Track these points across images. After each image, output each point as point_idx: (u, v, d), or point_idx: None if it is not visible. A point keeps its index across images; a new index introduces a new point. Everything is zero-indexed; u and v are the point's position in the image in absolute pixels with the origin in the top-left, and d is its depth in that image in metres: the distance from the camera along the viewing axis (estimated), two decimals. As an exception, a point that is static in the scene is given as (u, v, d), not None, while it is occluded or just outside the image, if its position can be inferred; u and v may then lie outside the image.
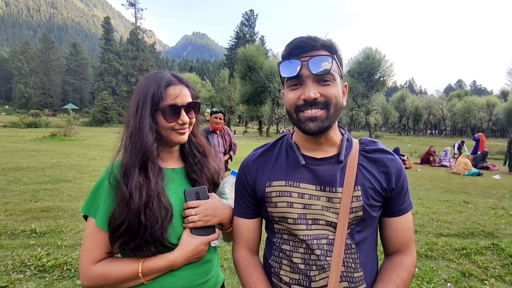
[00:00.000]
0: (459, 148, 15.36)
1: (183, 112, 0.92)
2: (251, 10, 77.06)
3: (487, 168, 11.56)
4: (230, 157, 4.24)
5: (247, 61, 34.45)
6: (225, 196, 1.03)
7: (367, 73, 34.99)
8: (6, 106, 73.09)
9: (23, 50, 72.94)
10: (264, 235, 0.96)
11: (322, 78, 0.77)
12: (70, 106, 57.05)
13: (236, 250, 0.95)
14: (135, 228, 0.82)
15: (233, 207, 0.99)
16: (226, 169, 4.21)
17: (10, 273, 2.76)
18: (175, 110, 0.90)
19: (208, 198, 0.95)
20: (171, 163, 0.99)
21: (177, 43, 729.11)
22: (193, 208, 0.90)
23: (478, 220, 4.84)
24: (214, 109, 4.01)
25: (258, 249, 0.98)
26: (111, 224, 0.83)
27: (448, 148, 13.23)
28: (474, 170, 10.11)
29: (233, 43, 76.95)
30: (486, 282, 2.91)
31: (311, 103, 0.77)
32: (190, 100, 0.95)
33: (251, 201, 0.92)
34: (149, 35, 64.22)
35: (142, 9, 60.27)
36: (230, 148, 4.21)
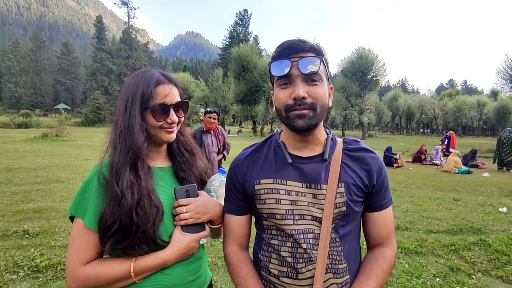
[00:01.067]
0: (445, 139, 16.16)
1: (172, 111, 0.93)
2: (245, 10, 77.02)
3: (477, 166, 11.78)
4: (224, 157, 4.27)
5: (241, 61, 34.44)
6: (212, 194, 1.05)
7: (361, 73, 35.20)
8: (-4, 106, 71.64)
9: (13, 49, 71.65)
10: (253, 232, 1.00)
11: (311, 78, 0.81)
12: (62, 106, 56.23)
13: (226, 246, 0.99)
14: (127, 227, 0.82)
15: (222, 203, 1.03)
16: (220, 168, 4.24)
17: (3, 274, 2.75)
18: (164, 109, 0.91)
19: (197, 195, 0.97)
20: (159, 162, 1.00)
21: (170, 42, 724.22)
22: (184, 206, 0.91)
23: (467, 217, 4.95)
24: (208, 109, 4.03)
25: (247, 245, 1.02)
26: (102, 224, 0.82)
27: (439, 146, 13.44)
28: (464, 168, 10.31)
29: (227, 43, 76.79)
30: (473, 276, 3.00)
31: (299, 103, 0.81)
32: (179, 99, 0.96)
33: (241, 198, 0.96)
34: (142, 34, 63.95)
35: (135, 8, 59.88)
36: (223, 148, 4.23)
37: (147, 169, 0.90)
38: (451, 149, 12.33)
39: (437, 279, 2.94)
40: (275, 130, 1.10)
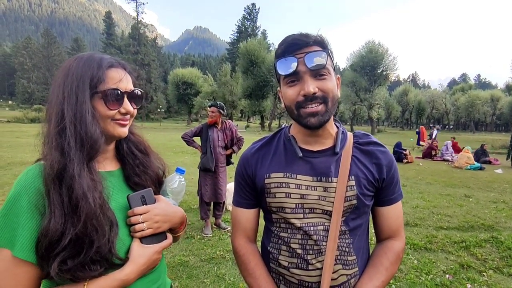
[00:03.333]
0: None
1: (126, 100, 0.78)
2: (253, 4, 76.39)
3: (490, 162, 11.54)
4: (233, 151, 4.25)
5: (249, 56, 34.33)
6: (169, 196, 0.91)
7: (370, 67, 34.64)
8: (10, 102, 73.45)
9: (25, 45, 73.06)
10: (261, 225, 1.00)
11: (318, 73, 0.80)
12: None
13: (235, 238, 1.00)
14: (79, 240, 0.65)
15: (177, 206, 0.92)
16: (229, 163, 4.24)
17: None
18: (117, 96, 0.75)
19: (155, 201, 0.83)
20: (107, 165, 0.82)
21: (178, 37, 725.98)
22: (140, 215, 0.77)
23: (479, 213, 4.87)
24: (210, 103, 4.04)
25: (255, 238, 1.03)
26: (43, 242, 0.64)
27: (449, 142, 13.20)
28: (476, 164, 10.11)
29: (235, 37, 76.48)
30: (484, 273, 2.95)
31: (311, 98, 0.80)
32: (133, 87, 0.80)
33: (251, 192, 0.96)
34: (151, 30, 64.11)
35: (143, 3, 59.96)
36: (232, 143, 4.21)
37: (94, 171, 0.73)
38: (466, 146, 12.06)
39: (447, 275, 2.91)
40: (283, 125, 1.08)
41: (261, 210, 1.00)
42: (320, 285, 0.83)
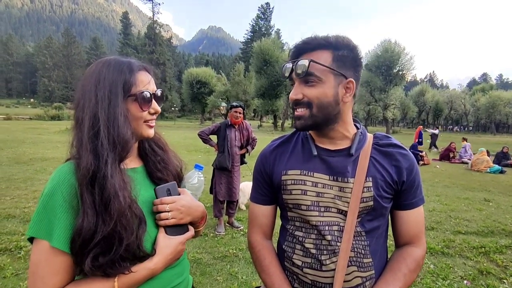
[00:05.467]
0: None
1: (153, 100, 0.83)
2: (267, 3, 76.31)
3: (511, 165, 11.10)
4: (247, 151, 4.28)
5: (262, 55, 34.29)
6: (189, 192, 0.94)
7: (386, 67, 33.88)
8: (32, 100, 76.21)
9: (46, 44, 75.74)
10: (278, 224, 1.01)
11: (306, 80, 0.83)
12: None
13: (251, 234, 1.02)
14: (109, 239, 0.69)
15: (198, 201, 0.95)
16: (243, 162, 4.27)
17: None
18: (148, 98, 0.80)
19: (179, 194, 0.87)
20: (130, 162, 0.85)
21: (193, 37, 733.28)
22: (167, 204, 0.81)
23: (499, 218, 4.70)
24: (235, 104, 4.03)
25: (271, 235, 1.04)
26: (77, 240, 0.68)
27: (468, 144, 12.78)
28: (496, 167, 9.75)
29: (249, 37, 76.66)
30: (504, 280, 2.85)
31: (297, 103, 0.86)
32: (157, 88, 0.85)
33: (268, 188, 0.98)
34: (166, 30, 65.05)
35: (159, 4, 60.99)
36: (247, 143, 4.25)
37: (123, 170, 0.77)
38: (480, 148, 11.64)
39: (465, 281, 2.83)
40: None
41: (278, 208, 1.01)
42: (333, 286, 0.82)
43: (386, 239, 0.95)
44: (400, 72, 34.63)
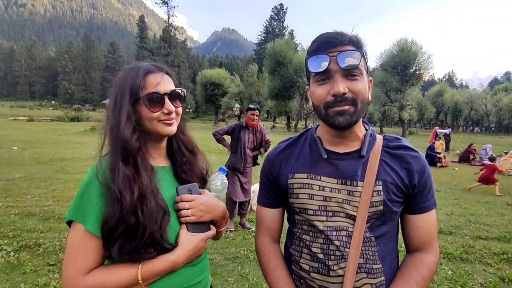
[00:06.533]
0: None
1: (167, 100, 0.85)
2: (280, 4, 76.18)
3: (536, 168, 10.57)
4: (260, 153, 4.30)
5: (276, 56, 34.24)
6: (213, 194, 0.98)
7: (402, 67, 32.99)
8: (53, 102, 79.15)
9: (67, 49, 78.60)
10: (286, 226, 1.00)
11: (351, 73, 0.78)
12: (108, 101, 60.51)
13: (258, 237, 1.00)
14: (132, 228, 0.76)
15: (220, 201, 0.98)
16: (255, 163, 4.30)
17: (58, 253, 3.06)
18: (158, 98, 0.84)
19: (199, 194, 0.91)
20: (160, 161, 0.93)
21: (207, 39, 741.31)
22: (186, 201, 0.86)
23: (523, 224, 4.49)
24: (251, 106, 4.05)
25: (279, 238, 1.02)
26: (105, 227, 0.76)
27: (489, 145, 12.27)
28: (521, 170, 9.32)
29: (262, 38, 76.72)
30: (528, 289, 2.72)
31: (340, 99, 0.78)
32: (173, 88, 0.88)
33: (275, 191, 0.96)
34: (181, 32, 66.15)
35: (174, 7, 62.01)
36: (260, 145, 4.27)
37: (149, 168, 0.84)
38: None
39: (485, 289, 2.72)
40: (310, 126, 1.07)
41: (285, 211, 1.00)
42: None
43: (396, 244, 0.92)
44: (417, 72, 33.68)
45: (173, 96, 0.88)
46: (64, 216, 4.02)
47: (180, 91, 0.90)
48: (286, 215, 1.01)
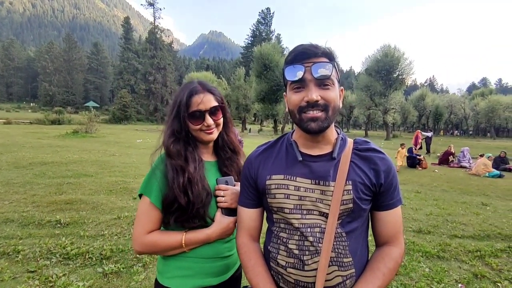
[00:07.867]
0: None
1: (207, 116, 1.10)
2: (267, 8, 76.83)
3: (510, 170, 11.12)
4: None
5: (263, 60, 34.44)
6: None
7: (385, 71, 34.00)
8: (32, 104, 76.36)
9: (48, 49, 76.06)
10: (265, 226, 1.05)
11: (323, 82, 0.86)
12: (91, 103, 58.92)
13: (238, 236, 1.06)
14: (184, 206, 1.02)
15: None
16: None
17: (38, 259, 2.98)
18: (199, 115, 1.09)
19: (234, 186, 1.14)
20: (208, 157, 1.20)
21: (194, 41, 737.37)
22: (223, 190, 1.09)
23: (496, 222, 4.72)
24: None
25: (258, 237, 1.08)
26: (164, 203, 1.04)
27: (466, 148, 12.80)
28: (495, 171, 9.77)
29: (249, 42, 77.06)
30: (499, 284, 2.87)
31: (312, 105, 0.85)
32: (214, 104, 1.12)
33: (253, 192, 1.02)
34: (167, 34, 65.61)
35: (160, 9, 61.27)
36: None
37: (198, 160, 1.11)
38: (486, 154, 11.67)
39: (460, 285, 2.85)
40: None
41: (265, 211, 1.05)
42: (315, 285, 0.86)
43: (366, 239, 0.99)
44: (400, 77, 34.74)
45: (213, 112, 1.12)
46: (44, 221, 3.92)
47: (220, 107, 1.14)
48: (266, 215, 1.06)
